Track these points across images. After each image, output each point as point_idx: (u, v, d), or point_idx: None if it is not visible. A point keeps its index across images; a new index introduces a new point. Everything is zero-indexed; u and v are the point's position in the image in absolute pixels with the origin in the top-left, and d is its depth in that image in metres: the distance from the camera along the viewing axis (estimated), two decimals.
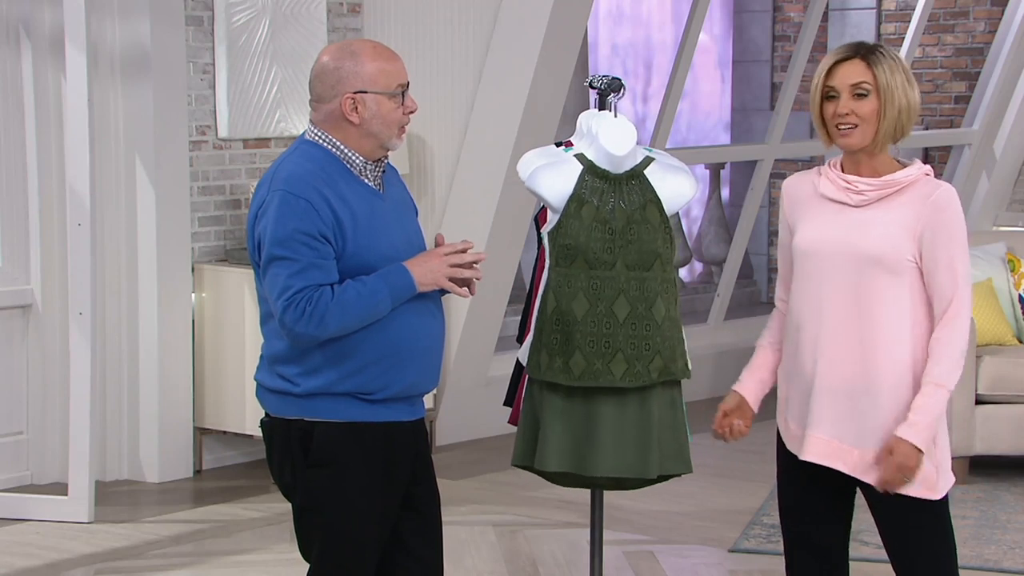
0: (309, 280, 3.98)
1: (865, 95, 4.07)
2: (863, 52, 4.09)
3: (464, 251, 4.12)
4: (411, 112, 4.11)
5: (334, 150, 4.09)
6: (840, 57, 4.09)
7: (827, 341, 4.08)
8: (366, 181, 4.11)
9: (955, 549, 4.17)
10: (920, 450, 3.99)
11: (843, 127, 4.08)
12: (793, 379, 4.19)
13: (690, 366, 4.89)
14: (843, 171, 4.15)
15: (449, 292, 4.18)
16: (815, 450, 4.12)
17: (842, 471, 4.11)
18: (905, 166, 4.13)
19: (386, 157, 4.17)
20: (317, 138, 4.11)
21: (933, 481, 4.09)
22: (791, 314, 4.19)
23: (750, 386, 4.30)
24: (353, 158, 4.09)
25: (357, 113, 4.06)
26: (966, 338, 4.07)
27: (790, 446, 4.20)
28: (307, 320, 3.98)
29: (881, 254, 4.06)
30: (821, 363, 4.09)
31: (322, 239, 3.99)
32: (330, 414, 4.10)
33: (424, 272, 4.07)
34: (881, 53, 4.09)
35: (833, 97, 4.09)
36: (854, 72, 4.07)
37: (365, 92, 4.05)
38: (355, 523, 4.12)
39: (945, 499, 4.14)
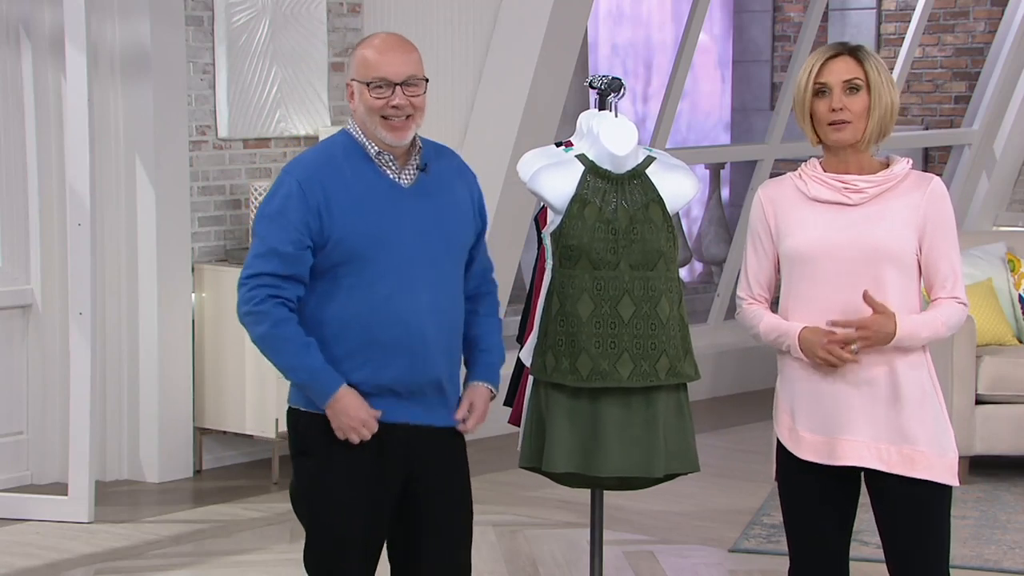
0: (266, 266, 4.04)
1: (857, 90, 4.10)
2: (850, 49, 4.12)
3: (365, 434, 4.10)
4: (392, 105, 4.09)
5: (356, 136, 4.16)
6: (830, 54, 4.11)
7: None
8: (384, 170, 4.13)
9: (949, 545, 4.20)
10: (893, 335, 4.03)
11: (836, 123, 4.09)
12: (804, 385, 4.17)
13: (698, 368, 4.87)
14: (825, 172, 4.17)
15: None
16: (850, 453, 4.11)
17: (880, 469, 4.11)
18: (887, 163, 4.16)
19: (416, 152, 4.17)
20: (349, 125, 4.19)
21: (955, 469, 4.13)
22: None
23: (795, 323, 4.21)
24: (368, 145, 4.13)
25: (353, 100, 4.14)
26: (961, 323, 4.16)
27: (802, 453, 4.17)
28: (244, 313, 4.07)
29: (890, 248, 4.09)
30: (842, 366, 4.10)
31: (298, 223, 4.04)
32: (312, 404, 4.13)
33: (337, 415, 4.07)
34: (866, 51, 4.14)
35: (823, 93, 4.10)
36: (846, 68, 4.10)
37: (354, 80, 4.13)
38: (337, 516, 4.12)
39: (951, 492, 4.17)
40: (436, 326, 4.15)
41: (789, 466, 4.22)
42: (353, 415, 4.05)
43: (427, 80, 4.17)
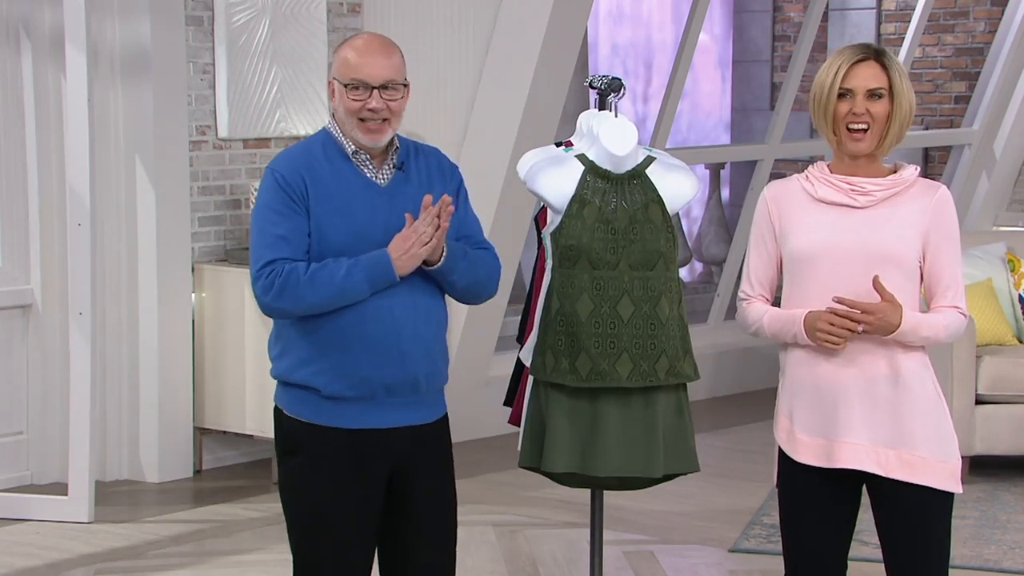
0: (277, 253, 4.06)
1: (880, 98, 4.08)
2: (875, 54, 4.10)
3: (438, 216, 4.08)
4: (369, 108, 4.10)
5: (335, 134, 4.18)
6: (857, 58, 4.09)
7: (850, 345, 4.08)
8: (361, 169, 4.15)
9: (949, 552, 4.19)
10: (896, 326, 4.02)
11: (855, 129, 4.08)
12: (804, 389, 4.15)
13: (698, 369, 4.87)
14: (832, 175, 4.16)
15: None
16: (848, 456, 4.09)
17: (877, 473, 4.09)
18: (895, 168, 4.16)
19: (393, 152, 4.18)
20: (330, 123, 4.21)
21: (957, 476, 4.12)
22: None
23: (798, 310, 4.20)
24: (345, 144, 4.16)
25: (334, 99, 4.17)
26: (960, 333, 4.16)
27: (800, 457, 4.15)
28: (276, 293, 4.05)
29: (894, 252, 4.08)
30: (845, 368, 4.09)
31: (291, 211, 4.06)
32: (291, 408, 4.19)
33: (400, 253, 4.06)
34: (890, 55, 4.13)
35: (846, 97, 4.09)
36: (872, 75, 4.08)
37: (335, 80, 4.16)
38: (320, 516, 4.13)
39: (953, 499, 4.16)
40: (413, 322, 4.13)
41: (789, 470, 4.21)
42: (403, 245, 4.04)
43: (407, 85, 4.17)
